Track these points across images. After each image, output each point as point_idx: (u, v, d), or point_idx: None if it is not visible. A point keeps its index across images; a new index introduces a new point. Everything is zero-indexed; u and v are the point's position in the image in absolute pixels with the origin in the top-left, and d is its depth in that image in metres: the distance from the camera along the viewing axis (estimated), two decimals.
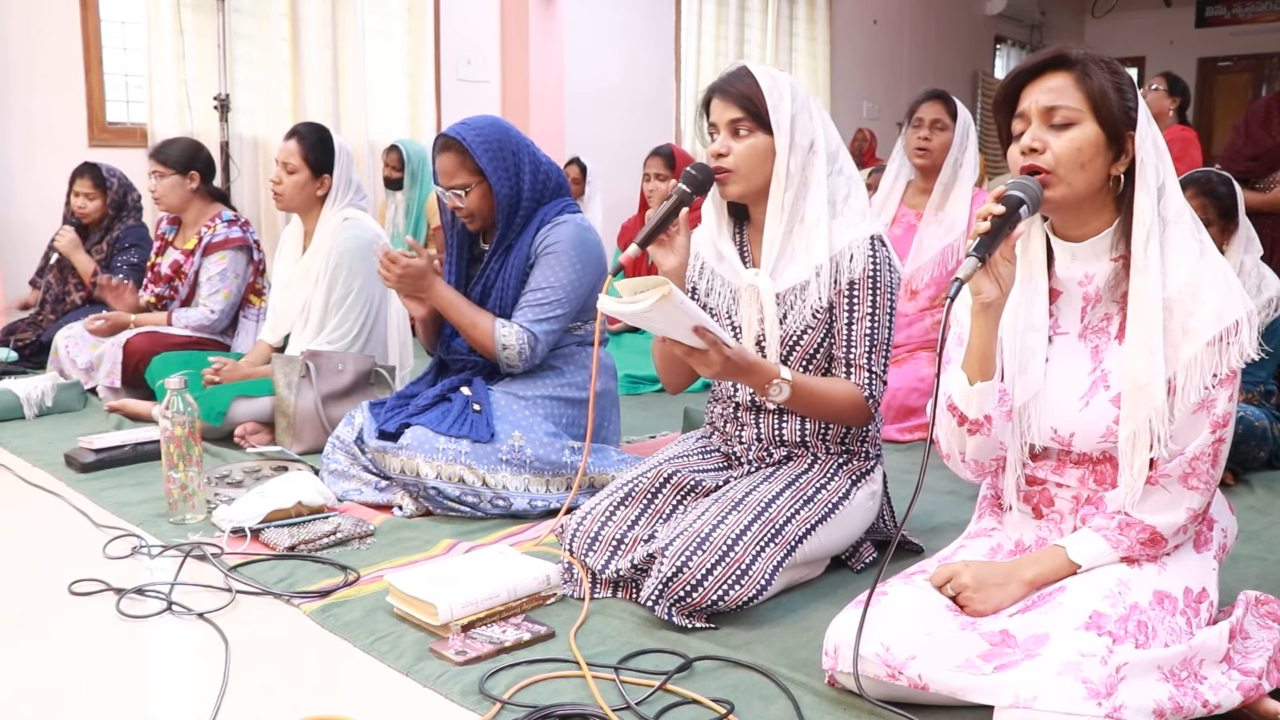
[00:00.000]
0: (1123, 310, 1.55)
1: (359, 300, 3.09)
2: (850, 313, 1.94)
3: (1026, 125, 1.53)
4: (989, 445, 1.59)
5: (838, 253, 1.93)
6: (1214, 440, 1.49)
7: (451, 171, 2.51)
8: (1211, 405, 1.48)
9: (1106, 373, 1.55)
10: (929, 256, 3.34)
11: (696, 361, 1.76)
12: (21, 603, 1.96)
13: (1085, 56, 1.51)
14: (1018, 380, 1.58)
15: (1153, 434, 1.47)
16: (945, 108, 3.34)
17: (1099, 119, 1.49)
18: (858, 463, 2.05)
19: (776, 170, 1.93)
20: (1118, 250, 1.54)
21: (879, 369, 1.95)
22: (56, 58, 4.87)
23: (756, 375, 1.83)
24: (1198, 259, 1.49)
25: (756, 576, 1.80)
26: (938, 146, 3.33)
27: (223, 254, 3.61)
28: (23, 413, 3.42)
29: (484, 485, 2.40)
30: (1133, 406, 1.49)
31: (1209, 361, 1.46)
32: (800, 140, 1.93)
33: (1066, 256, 1.58)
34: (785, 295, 1.97)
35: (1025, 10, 11.59)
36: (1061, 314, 1.61)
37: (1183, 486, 1.51)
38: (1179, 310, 1.47)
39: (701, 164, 1.96)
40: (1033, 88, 1.53)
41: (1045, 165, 1.49)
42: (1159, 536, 1.52)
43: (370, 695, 1.59)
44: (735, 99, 1.93)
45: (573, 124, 6.77)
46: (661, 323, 1.71)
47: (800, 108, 1.94)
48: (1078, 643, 1.35)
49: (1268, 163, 3.94)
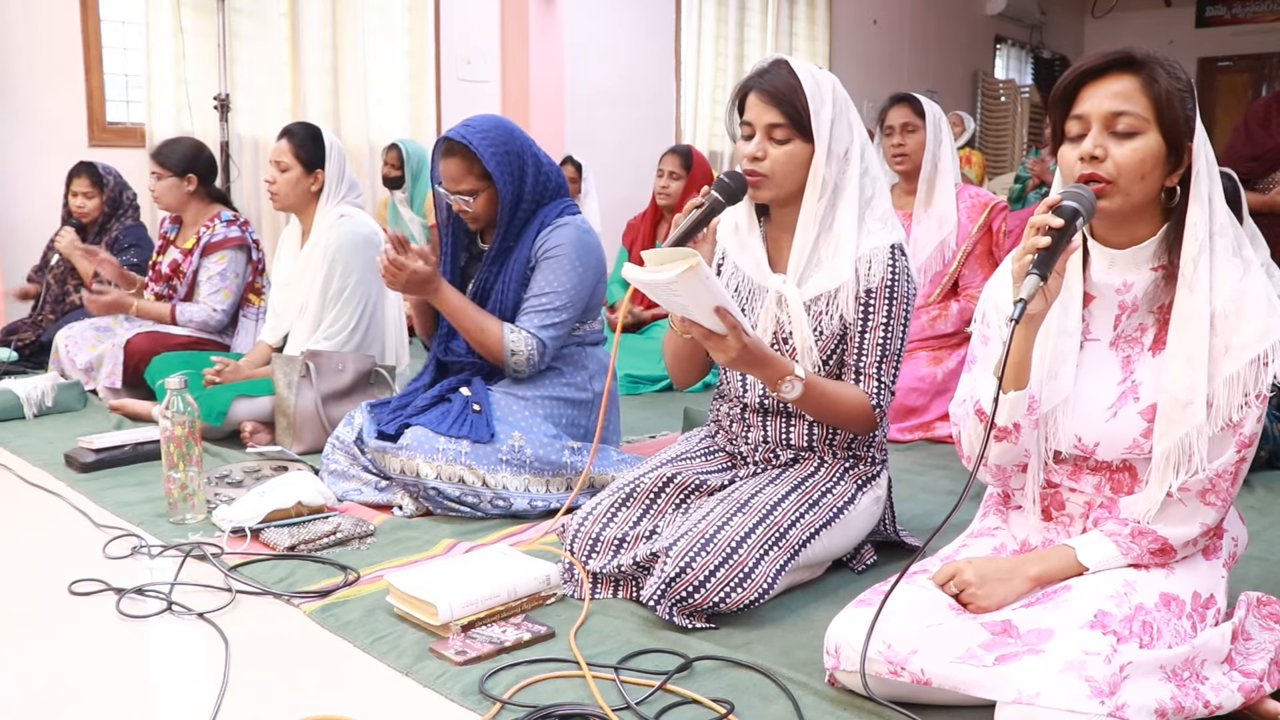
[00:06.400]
0: (1159, 322, 1.52)
1: (355, 294, 3.09)
2: (865, 321, 1.91)
3: (1084, 127, 1.46)
4: (1014, 452, 1.57)
5: (858, 259, 1.90)
6: (1238, 460, 1.48)
7: (458, 176, 2.48)
8: (1240, 425, 1.46)
9: (1137, 384, 1.52)
10: (926, 254, 3.35)
11: (713, 345, 1.73)
12: (21, 603, 1.95)
13: (1152, 59, 1.45)
14: (1046, 385, 1.55)
15: (1190, 453, 1.45)
16: (911, 109, 3.35)
17: (1162, 128, 1.43)
18: (864, 467, 2.04)
19: (812, 179, 1.89)
20: (1159, 260, 1.50)
21: (888, 379, 1.93)
22: (56, 58, 4.87)
23: (771, 369, 1.80)
24: (1242, 275, 1.45)
25: (760, 579, 1.79)
26: (913, 149, 3.35)
27: (222, 254, 3.61)
28: (23, 413, 3.42)
29: (484, 485, 2.39)
30: (1170, 424, 1.46)
31: (1250, 380, 1.43)
32: (837, 148, 1.89)
33: (1104, 262, 1.53)
34: (811, 303, 1.94)
35: (1025, 10, 11.58)
36: (1094, 320, 1.57)
37: (1200, 502, 1.49)
38: (1222, 326, 1.44)
39: (736, 173, 1.90)
40: (1095, 88, 1.46)
41: (1106, 175, 1.43)
42: (1170, 548, 1.51)
43: (370, 695, 1.59)
44: (775, 100, 1.86)
45: (573, 124, 6.77)
46: (685, 297, 1.65)
47: (839, 113, 1.89)
48: (1082, 641, 1.35)
49: (1267, 163, 3.94)
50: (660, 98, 7.54)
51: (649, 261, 1.61)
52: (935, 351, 3.33)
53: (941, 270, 3.35)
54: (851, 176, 1.91)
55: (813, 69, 1.90)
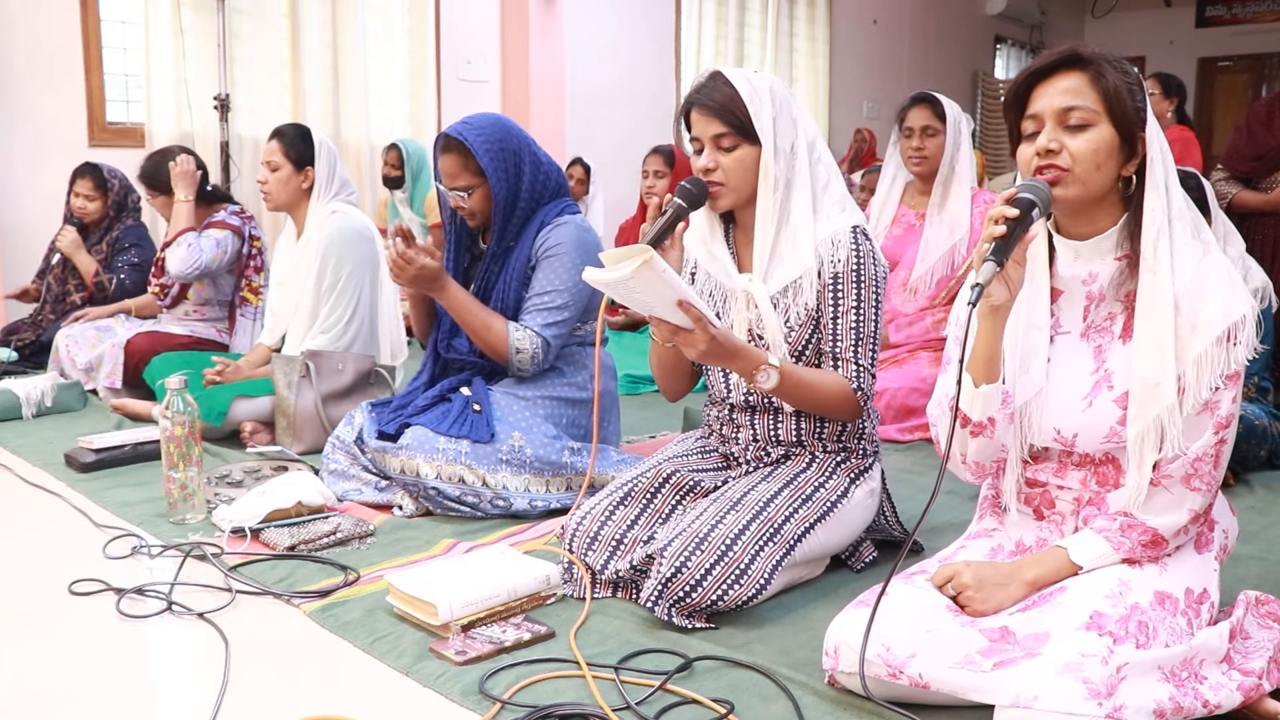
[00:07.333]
0: (1127, 309, 1.55)
1: (349, 287, 3.09)
2: (835, 306, 1.94)
3: (1038, 126, 1.51)
4: (991, 447, 1.59)
5: (819, 244, 1.93)
6: (1216, 441, 1.49)
7: (454, 173, 2.50)
8: (1215, 406, 1.48)
9: (1110, 372, 1.54)
10: (936, 257, 3.34)
11: (683, 341, 1.76)
12: (21, 603, 1.96)
13: (1098, 56, 1.50)
14: (1019, 379, 1.58)
15: (1163, 433, 1.47)
16: (933, 111, 3.34)
17: (1113, 120, 1.48)
18: (855, 460, 2.04)
19: (763, 177, 1.93)
20: (1122, 249, 1.53)
21: (866, 362, 1.95)
22: (56, 58, 4.87)
23: (744, 360, 1.83)
24: (1202, 256, 1.49)
25: (756, 576, 1.80)
26: (932, 152, 3.33)
27: (221, 230, 3.61)
28: (22, 413, 3.43)
29: (484, 485, 2.39)
30: (1142, 406, 1.48)
31: (1218, 358, 1.46)
32: (783, 144, 1.93)
33: (1069, 255, 1.57)
34: (777, 297, 1.97)
35: (1025, 10, 11.59)
36: (1063, 313, 1.60)
37: (1185, 487, 1.50)
38: (1186, 307, 1.47)
39: (696, 179, 1.95)
40: (1046, 87, 1.51)
41: (1063, 165, 1.48)
42: (1160, 538, 1.52)
43: (370, 695, 1.59)
44: (716, 112, 1.91)
45: (573, 124, 6.77)
46: (645, 294, 1.69)
47: (780, 110, 1.93)
48: (1078, 643, 1.35)
49: (1269, 163, 3.94)
50: (660, 98, 7.55)
51: (606, 261, 1.65)
52: (937, 353, 3.33)
53: (949, 274, 3.34)
54: (801, 168, 1.95)
55: (748, 74, 1.95)
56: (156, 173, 3.69)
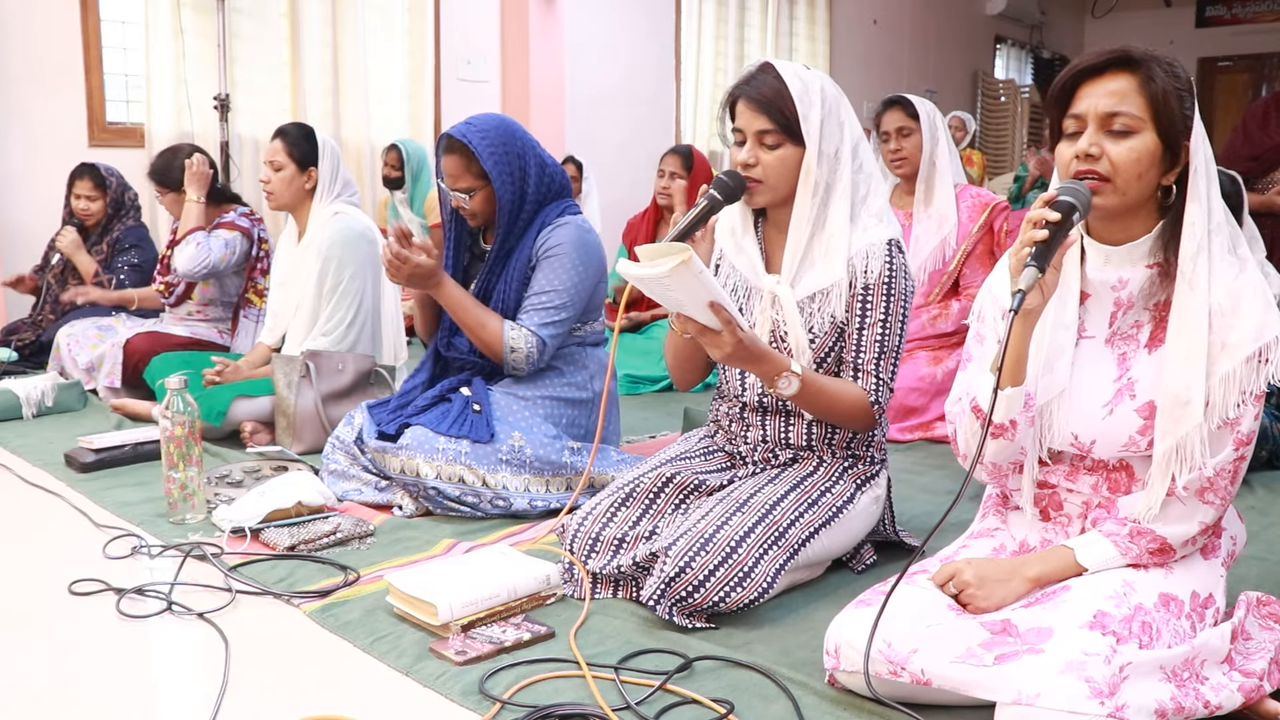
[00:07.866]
0: (1155, 319, 1.52)
1: (350, 289, 3.09)
2: (862, 317, 1.92)
3: (1080, 126, 1.47)
4: (1011, 449, 1.57)
5: (854, 255, 1.91)
6: (1236, 458, 1.48)
7: (457, 174, 2.49)
8: (1237, 423, 1.46)
9: (1134, 381, 1.52)
10: (926, 253, 3.35)
11: (709, 341, 1.74)
12: (21, 603, 1.96)
13: (1149, 57, 1.45)
14: (1042, 379, 1.55)
15: (1192, 451, 1.44)
16: (905, 112, 3.35)
17: (1159, 128, 1.44)
18: (863, 467, 2.04)
19: (803, 180, 1.89)
20: (1155, 257, 1.50)
21: (887, 376, 1.93)
22: (56, 58, 4.87)
23: (767, 365, 1.81)
24: (1238, 273, 1.46)
25: (759, 579, 1.79)
26: (910, 151, 3.35)
27: (230, 231, 3.62)
28: (22, 413, 3.43)
29: (484, 485, 2.39)
30: (1171, 422, 1.45)
31: (1246, 378, 1.44)
32: (828, 149, 1.89)
33: (1100, 259, 1.54)
34: (805, 303, 1.94)
35: (1025, 10, 11.59)
36: (1089, 317, 1.57)
37: (1199, 500, 1.49)
38: (1218, 324, 1.44)
39: (734, 172, 1.91)
40: (1092, 86, 1.47)
41: (1102, 172, 1.44)
42: (1169, 547, 1.51)
43: (370, 695, 1.59)
44: (763, 107, 1.87)
45: (573, 124, 6.77)
46: (678, 292, 1.67)
47: (829, 112, 1.89)
48: (1081, 641, 1.35)
49: (1266, 163, 3.95)
50: (660, 98, 7.54)
51: (643, 257, 1.63)
52: (935, 351, 3.33)
53: (941, 269, 3.35)
54: (843, 175, 1.91)
55: (800, 70, 1.90)
56: (167, 169, 3.70)
